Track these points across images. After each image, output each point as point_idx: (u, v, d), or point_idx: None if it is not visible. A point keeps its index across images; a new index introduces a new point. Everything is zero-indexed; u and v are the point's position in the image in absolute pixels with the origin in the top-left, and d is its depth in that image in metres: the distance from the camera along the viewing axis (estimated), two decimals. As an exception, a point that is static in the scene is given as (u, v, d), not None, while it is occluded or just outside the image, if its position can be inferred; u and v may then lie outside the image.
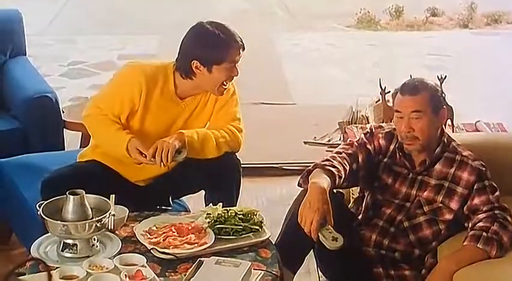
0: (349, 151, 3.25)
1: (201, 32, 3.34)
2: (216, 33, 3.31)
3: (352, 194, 3.92)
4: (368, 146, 3.29)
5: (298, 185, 3.19)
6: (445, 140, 3.23)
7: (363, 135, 3.34)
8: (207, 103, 3.49)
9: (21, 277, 2.03)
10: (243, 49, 3.36)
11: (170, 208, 3.58)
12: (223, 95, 3.44)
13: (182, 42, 3.39)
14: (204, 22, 3.36)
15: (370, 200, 3.34)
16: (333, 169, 3.08)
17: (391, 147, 3.29)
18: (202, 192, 3.57)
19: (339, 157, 3.19)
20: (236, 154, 3.51)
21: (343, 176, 3.12)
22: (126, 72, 3.48)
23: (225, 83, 3.36)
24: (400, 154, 3.25)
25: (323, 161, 3.14)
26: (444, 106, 3.23)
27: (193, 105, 3.47)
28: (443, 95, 3.26)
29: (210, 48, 3.30)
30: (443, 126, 3.31)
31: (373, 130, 3.35)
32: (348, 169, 3.16)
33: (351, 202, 3.59)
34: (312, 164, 3.15)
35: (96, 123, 3.46)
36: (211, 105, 3.49)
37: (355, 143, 3.30)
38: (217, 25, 3.35)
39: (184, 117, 3.47)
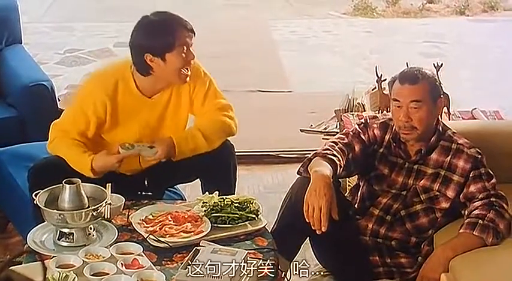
0: (345, 140, 3.25)
1: (146, 23, 3.29)
2: (159, 20, 3.28)
3: (349, 183, 3.92)
4: (362, 136, 3.28)
5: (297, 173, 3.19)
6: (440, 128, 3.22)
7: (356, 126, 3.33)
8: (181, 100, 3.42)
9: (15, 267, 2.02)
10: (193, 33, 3.29)
11: (162, 198, 3.54)
12: (200, 91, 3.40)
13: (131, 39, 3.32)
14: (147, 15, 3.31)
15: (366, 190, 3.34)
16: (334, 158, 3.08)
17: (386, 137, 3.28)
18: (198, 180, 3.56)
19: (337, 146, 3.19)
20: (228, 139, 3.46)
21: (342, 166, 3.12)
22: (86, 90, 3.43)
23: (184, 69, 3.30)
24: (395, 144, 3.25)
25: (324, 150, 3.14)
26: (441, 95, 3.23)
27: (163, 102, 3.40)
28: (441, 84, 3.25)
29: (157, 36, 3.24)
30: (439, 114, 3.30)
31: (368, 121, 3.34)
32: (345, 158, 3.16)
33: (347, 191, 3.58)
34: (313, 153, 3.14)
35: (59, 148, 3.37)
36: (186, 102, 3.42)
37: (350, 133, 3.30)
38: (160, 14, 3.31)
39: (156, 116, 3.41)
